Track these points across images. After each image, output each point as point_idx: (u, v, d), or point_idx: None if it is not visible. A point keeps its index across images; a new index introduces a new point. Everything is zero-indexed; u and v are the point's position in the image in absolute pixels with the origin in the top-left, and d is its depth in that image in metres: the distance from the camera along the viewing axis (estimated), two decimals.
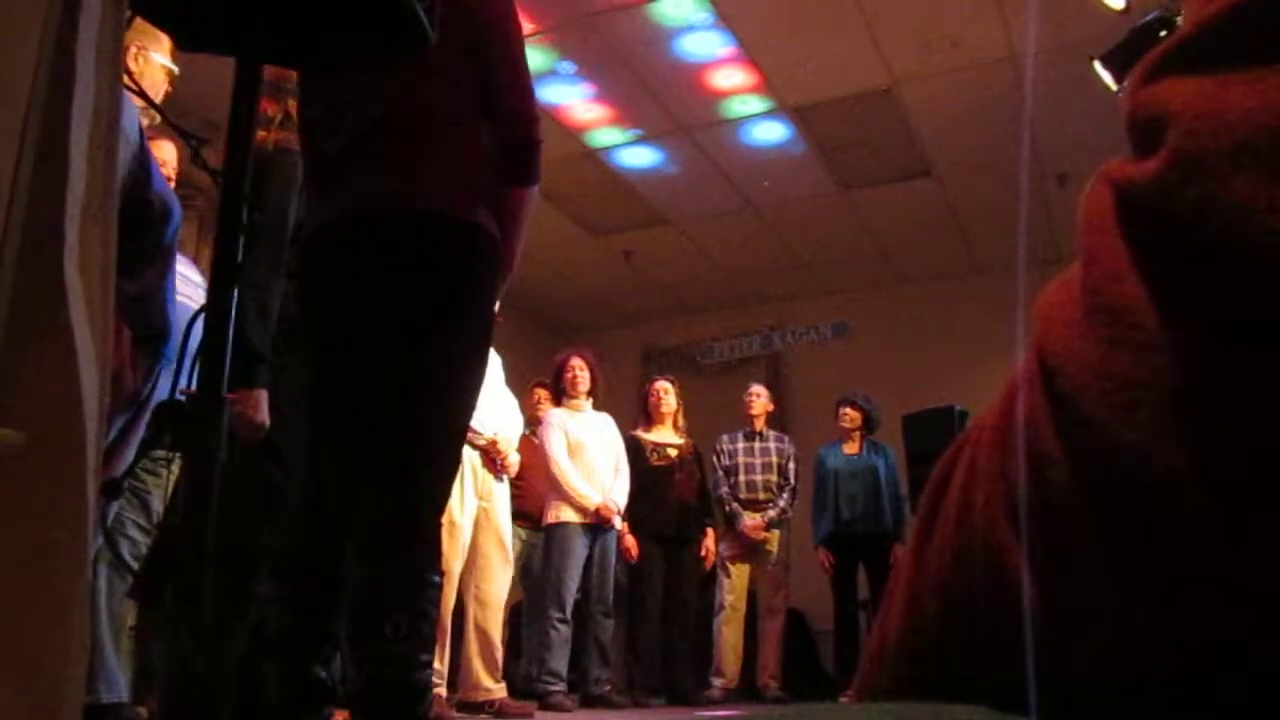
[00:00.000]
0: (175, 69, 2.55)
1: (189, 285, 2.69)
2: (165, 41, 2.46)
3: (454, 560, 3.80)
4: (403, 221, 1.88)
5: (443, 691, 3.76)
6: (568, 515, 4.74)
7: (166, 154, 2.91)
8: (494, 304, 2.04)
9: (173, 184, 2.65)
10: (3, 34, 0.87)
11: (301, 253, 2.00)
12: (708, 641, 5.73)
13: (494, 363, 4.21)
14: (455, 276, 1.89)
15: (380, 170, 1.92)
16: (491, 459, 4.06)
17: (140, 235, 2.20)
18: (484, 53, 1.98)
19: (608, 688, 4.86)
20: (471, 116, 1.98)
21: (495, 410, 4.14)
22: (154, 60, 2.47)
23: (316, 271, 1.97)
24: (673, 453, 5.45)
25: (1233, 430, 0.28)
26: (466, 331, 1.90)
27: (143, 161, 2.16)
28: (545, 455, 4.80)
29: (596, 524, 4.77)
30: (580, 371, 4.97)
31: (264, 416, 2.29)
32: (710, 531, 5.56)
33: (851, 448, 5.85)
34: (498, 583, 4.10)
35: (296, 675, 1.81)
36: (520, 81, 2.03)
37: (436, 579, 1.82)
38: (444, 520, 3.64)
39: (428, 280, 1.87)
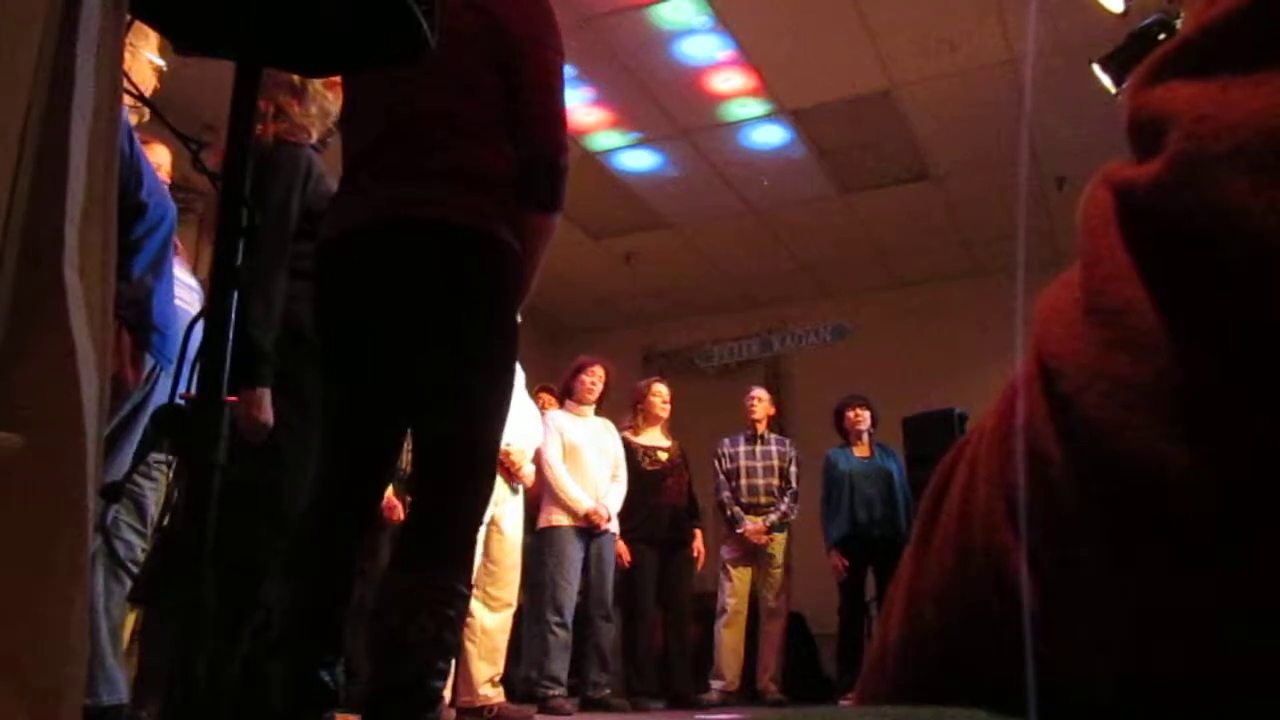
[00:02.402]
0: (163, 66, 2.54)
1: (186, 290, 2.68)
2: (153, 38, 2.44)
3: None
4: (423, 231, 1.85)
5: (446, 695, 3.75)
6: (560, 519, 4.74)
7: (161, 157, 2.90)
8: (517, 316, 2.01)
9: (167, 186, 2.64)
10: (3, 34, 0.87)
11: (319, 256, 1.97)
12: (708, 644, 5.72)
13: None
14: (479, 288, 1.86)
15: (398, 177, 1.89)
16: (505, 469, 4.06)
17: (133, 237, 2.20)
18: (514, 72, 1.93)
19: (606, 691, 4.85)
20: (496, 132, 1.93)
21: (511, 420, 4.12)
22: (142, 56, 2.46)
23: (334, 276, 1.94)
24: (663, 456, 5.44)
25: (1232, 431, 0.28)
26: (495, 344, 1.88)
27: (131, 164, 2.15)
28: (540, 458, 4.79)
29: (588, 527, 4.76)
30: (598, 383, 4.99)
31: (268, 415, 2.27)
32: (697, 533, 5.55)
33: (862, 450, 5.81)
34: (508, 590, 4.11)
35: (299, 678, 1.80)
36: (549, 105, 1.96)
37: (466, 590, 1.83)
38: None
39: (453, 291, 1.85)
